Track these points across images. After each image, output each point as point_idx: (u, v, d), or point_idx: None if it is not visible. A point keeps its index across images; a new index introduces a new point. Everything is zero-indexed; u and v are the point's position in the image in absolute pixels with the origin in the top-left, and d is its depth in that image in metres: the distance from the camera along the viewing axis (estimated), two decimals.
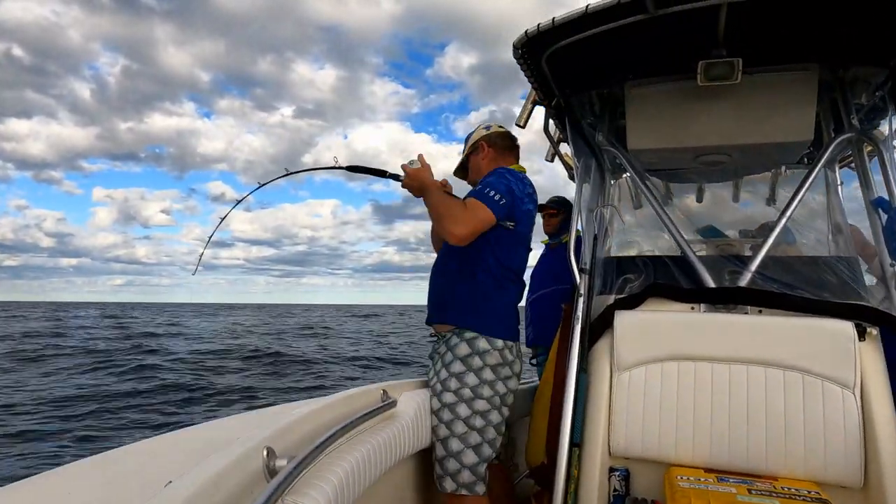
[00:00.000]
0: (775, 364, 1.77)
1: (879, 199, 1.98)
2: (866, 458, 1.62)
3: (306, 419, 1.41)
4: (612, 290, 2.18)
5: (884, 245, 1.88)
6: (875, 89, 2.23)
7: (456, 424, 1.99)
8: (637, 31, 1.92)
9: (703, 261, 2.09)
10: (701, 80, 2.00)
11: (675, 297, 2.02)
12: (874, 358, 1.73)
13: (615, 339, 1.96)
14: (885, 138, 2.08)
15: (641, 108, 2.36)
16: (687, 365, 1.86)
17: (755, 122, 2.18)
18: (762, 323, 1.85)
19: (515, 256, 2.16)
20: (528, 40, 2.06)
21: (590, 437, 1.89)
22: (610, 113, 2.62)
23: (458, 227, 1.93)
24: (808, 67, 2.09)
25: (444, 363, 2.06)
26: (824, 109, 2.34)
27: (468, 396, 2.00)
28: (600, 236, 2.37)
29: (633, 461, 1.87)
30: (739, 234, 2.81)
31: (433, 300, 2.22)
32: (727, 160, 2.42)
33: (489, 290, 2.09)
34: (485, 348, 2.03)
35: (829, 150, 2.18)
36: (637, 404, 1.87)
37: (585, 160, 2.52)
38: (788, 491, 1.55)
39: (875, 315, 1.75)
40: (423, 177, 2.03)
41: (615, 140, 2.58)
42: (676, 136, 2.32)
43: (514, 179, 2.10)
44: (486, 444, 2.01)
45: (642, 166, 2.53)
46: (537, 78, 2.32)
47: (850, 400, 1.67)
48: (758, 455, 1.72)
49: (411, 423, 1.87)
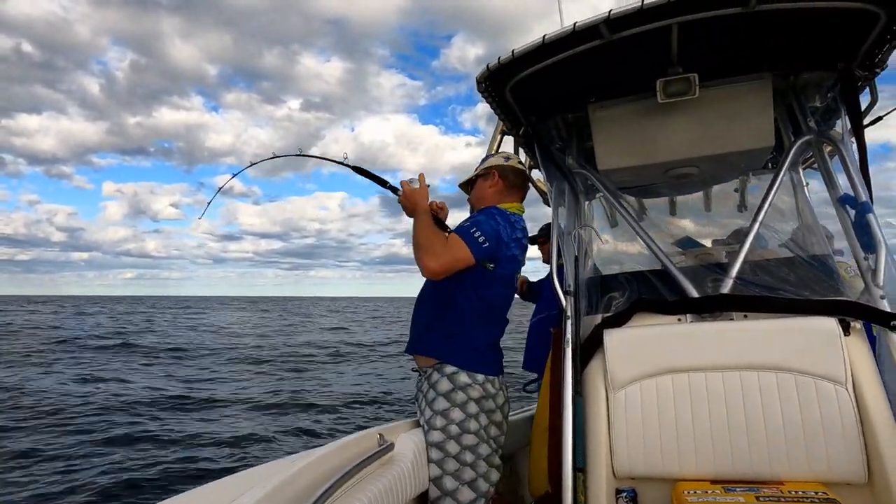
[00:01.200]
0: (766, 367, 1.78)
1: (845, 196, 2.04)
2: (867, 453, 1.63)
3: (302, 473, 1.37)
4: (599, 310, 2.19)
5: (855, 240, 1.92)
6: (826, 91, 2.32)
7: (446, 462, 1.95)
8: (595, 56, 1.98)
9: (684, 272, 2.12)
10: (661, 98, 2.07)
11: (661, 311, 2.03)
12: (861, 351, 1.75)
13: (607, 358, 1.96)
14: (841, 137, 2.15)
15: (607, 129, 2.42)
16: (681, 377, 1.86)
17: (718, 132, 2.24)
18: (749, 327, 1.87)
19: (498, 295, 2.16)
20: (491, 74, 2.11)
21: (592, 460, 1.86)
22: (577, 136, 2.68)
23: (432, 260, 1.93)
24: (762, 77, 2.17)
25: (428, 401, 2.04)
26: (782, 115, 2.42)
27: (455, 433, 1.97)
28: (581, 257, 2.39)
29: (639, 480, 1.84)
30: (713, 243, 2.85)
31: (415, 329, 2.21)
32: (695, 172, 2.47)
33: (469, 325, 2.08)
34: (466, 382, 2.01)
35: (790, 154, 2.24)
36: (636, 422, 1.85)
37: (558, 184, 2.55)
38: (796, 494, 1.54)
39: (857, 309, 1.78)
40: (418, 199, 2.06)
41: (585, 162, 2.62)
42: (644, 152, 2.37)
43: (503, 223, 2.09)
44: (480, 479, 1.97)
45: (614, 185, 2.57)
46: (503, 109, 2.37)
47: (843, 396, 1.68)
48: (761, 461, 1.71)
49: (411, 465, 1.83)
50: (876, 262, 1.82)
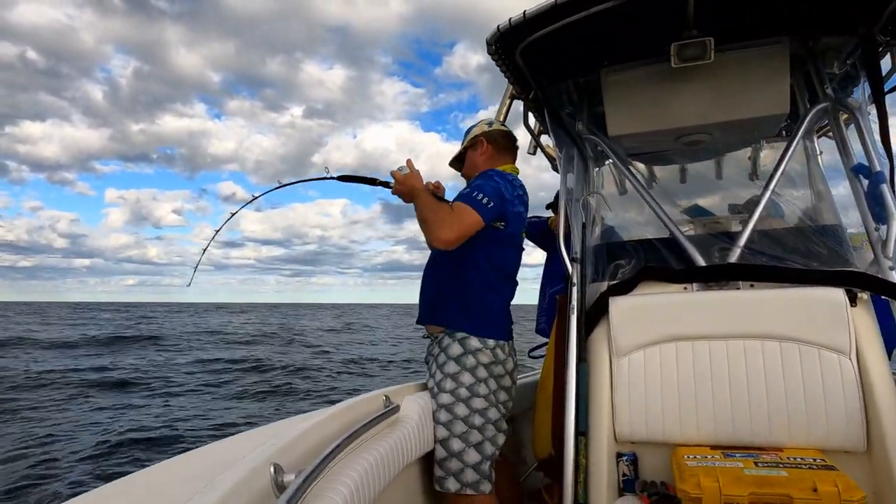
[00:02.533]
0: (771, 336, 1.79)
1: (859, 166, 2.00)
2: (868, 422, 1.64)
3: (311, 432, 1.40)
4: (605, 277, 2.19)
5: (867, 210, 1.90)
6: (846, 57, 2.25)
7: (455, 424, 1.99)
8: (608, 18, 1.93)
9: (692, 240, 2.10)
10: (675, 62, 2.02)
11: (668, 279, 2.03)
12: (867, 322, 1.75)
13: (611, 325, 1.97)
14: (859, 105, 2.10)
15: (619, 94, 2.37)
16: (684, 345, 1.87)
17: (732, 98, 2.20)
18: (755, 297, 1.86)
19: (507, 257, 2.17)
20: (501, 35, 2.06)
21: (595, 424, 1.89)
22: (588, 101, 2.63)
23: (445, 231, 1.93)
24: (779, 41, 2.11)
25: (438, 364, 2.07)
26: (798, 81, 2.37)
27: (465, 395, 2.01)
28: (588, 224, 2.38)
29: (640, 445, 1.88)
30: (728, 208, 2.83)
31: (425, 300, 2.23)
32: (707, 139, 2.43)
33: (480, 291, 2.10)
34: (476, 347, 2.04)
35: (806, 121, 2.20)
36: (639, 388, 1.88)
37: (567, 150, 2.53)
38: (794, 460, 1.57)
39: (865, 280, 1.77)
40: (413, 182, 2.03)
41: (595, 128, 2.59)
42: (655, 118, 2.34)
43: (502, 182, 2.10)
44: (487, 442, 2.01)
45: (624, 152, 2.54)
46: (513, 72, 2.33)
47: (847, 366, 1.69)
48: (761, 428, 1.73)
49: (416, 426, 1.87)
50: (887, 233, 1.80)
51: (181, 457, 1.38)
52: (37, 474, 6.19)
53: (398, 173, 2.06)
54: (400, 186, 2.04)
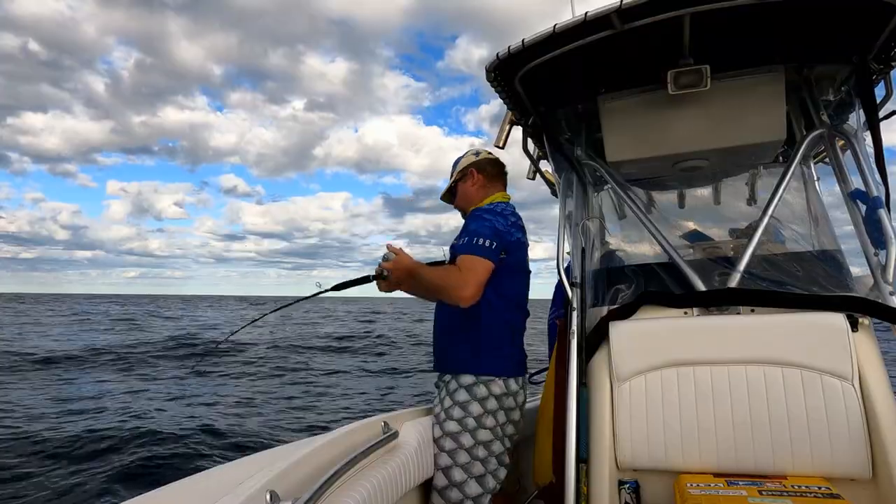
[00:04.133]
0: (773, 362, 1.77)
1: (856, 191, 2.02)
2: (872, 449, 1.62)
3: (307, 458, 1.39)
4: (605, 302, 2.18)
5: (866, 236, 1.90)
6: (840, 85, 2.29)
7: (458, 454, 1.97)
8: (606, 47, 1.96)
9: (692, 265, 2.11)
10: (672, 89, 2.05)
11: (668, 304, 2.03)
12: (869, 347, 1.74)
13: (612, 350, 1.96)
14: (855, 131, 2.12)
15: (616, 121, 2.40)
16: (686, 370, 1.86)
17: (729, 125, 2.22)
18: (756, 322, 1.86)
19: (515, 285, 2.17)
20: (500, 63, 2.09)
21: (596, 451, 1.87)
22: (586, 127, 2.66)
23: (464, 290, 1.94)
24: (774, 69, 2.14)
25: (449, 391, 2.06)
26: (794, 108, 2.40)
27: (472, 426, 1.99)
28: (588, 249, 2.38)
29: (642, 472, 1.85)
30: (729, 233, 2.83)
31: (438, 348, 2.22)
32: (705, 164, 2.45)
33: (493, 330, 2.09)
34: (489, 378, 2.03)
35: (802, 147, 2.22)
36: (640, 414, 1.86)
37: (566, 175, 2.54)
38: (799, 489, 1.54)
39: (865, 305, 1.77)
40: (406, 263, 2.01)
41: (594, 153, 2.61)
42: (653, 144, 2.36)
43: (493, 218, 2.10)
44: (489, 476, 2.00)
45: (623, 177, 2.56)
46: (512, 99, 2.36)
47: (850, 392, 1.68)
48: (765, 455, 1.71)
49: (414, 453, 1.85)
50: (886, 259, 1.80)
51: (178, 483, 1.37)
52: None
53: (388, 263, 2.02)
54: (397, 273, 2.01)
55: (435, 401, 2.14)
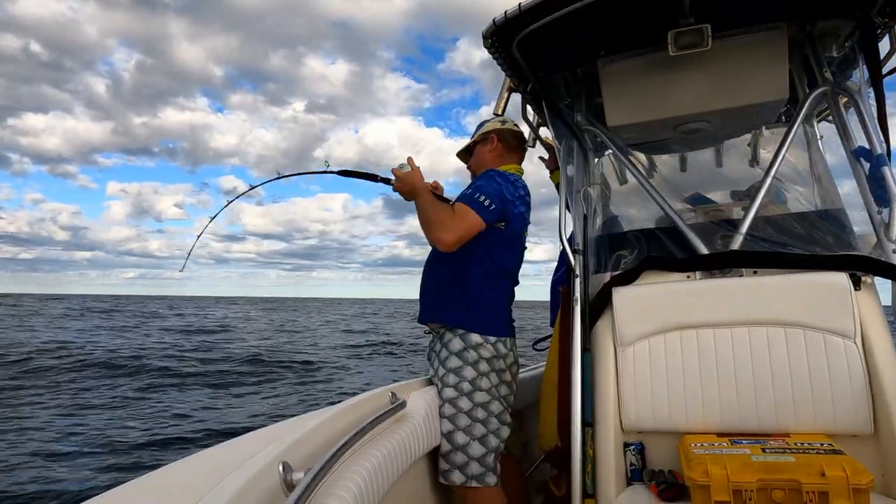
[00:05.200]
0: (775, 322, 1.78)
1: (860, 149, 2.00)
2: (874, 406, 1.64)
3: (318, 430, 1.41)
4: (608, 268, 2.19)
5: (869, 194, 1.89)
6: (844, 41, 2.24)
7: (459, 418, 2.01)
8: (604, 8, 1.92)
9: (694, 229, 2.10)
10: (672, 50, 2.01)
11: (671, 268, 2.03)
12: (872, 306, 1.74)
13: (615, 315, 1.97)
14: (858, 88, 2.09)
15: (616, 84, 2.37)
16: (689, 333, 1.87)
17: (730, 85, 2.19)
18: (758, 283, 1.86)
19: (509, 255, 2.18)
20: (497, 28, 2.05)
21: (601, 415, 1.90)
22: (586, 92, 2.62)
23: (446, 233, 1.95)
24: (777, 26, 2.10)
25: (441, 360, 2.10)
26: (797, 66, 2.35)
27: (467, 389, 2.03)
28: (590, 215, 2.37)
29: (647, 434, 1.88)
30: (731, 195, 2.82)
31: (425, 299, 2.24)
32: (707, 126, 2.42)
33: (482, 288, 2.11)
34: (478, 342, 2.06)
35: (805, 106, 2.19)
36: (644, 378, 1.88)
37: (567, 142, 2.52)
38: (801, 446, 1.57)
39: (868, 263, 1.77)
40: (414, 180, 2.04)
41: (594, 118, 2.58)
42: (654, 107, 2.33)
43: (504, 183, 2.11)
44: (491, 435, 2.04)
45: (623, 142, 2.53)
46: (510, 65, 2.32)
47: (852, 350, 1.69)
48: (768, 414, 1.73)
49: (423, 422, 1.88)
50: (889, 216, 1.79)
51: (190, 458, 1.39)
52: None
53: (399, 171, 2.06)
54: (401, 184, 2.05)
55: (430, 372, 2.18)
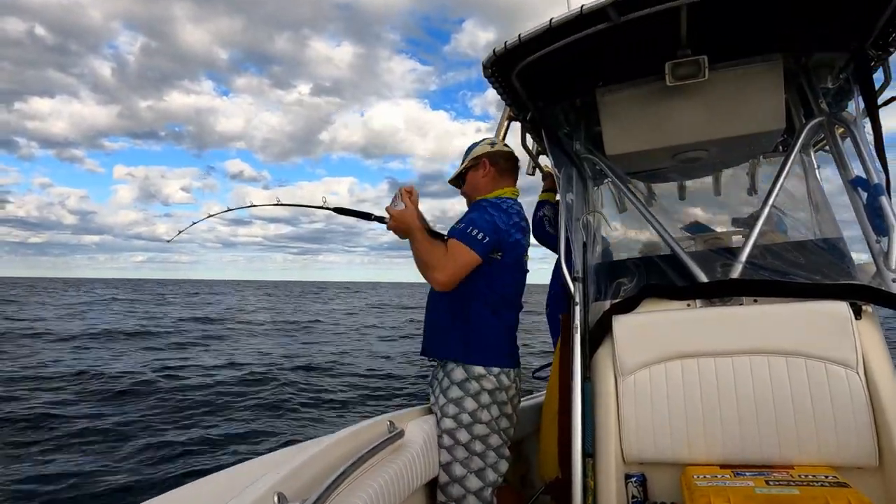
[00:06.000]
0: (776, 352, 1.77)
1: (857, 179, 2.01)
2: (878, 437, 1.62)
3: (314, 460, 1.39)
4: (608, 296, 2.18)
5: (867, 223, 1.90)
6: (839, 72, 2.28)
7: (457, 450, 1.99)
8: (603, 39, 1.95)
9: (694, 257, 2.10)
10: (670, 81, 2.04)
11: (671, 296, 2.03)
12: (873, 335, 1.73)
13: (615, 344, 1.96)
14: (854, 119, 2.12)
15: (615, 114, 2.39)
16: (690, 362, 1.85)
17: (728, 115, 2.21)
18: (759, 312, 1.86)
19: (509, 284, 2.17)
20: (497, 59, 2.09)
21: (602, 445, 1.87)
22: (585, 121, 2.66)
23: (440, 274, 1.95)
24: (772, 58, 2.13)
25: (442, 388, 2.07)
26: (793, 96, 2.39)
27: (467, 421, 2.00)
28: (589, 243, 2.38)
29: (648, 465, 1.85)
30: (732, 222, 2.83)
31: (429, 333, 2.22)
32: (705, 155, 2.45)
33: (483, 320, 2.09)
34: (481, 373, 2.04)
35: (802, 136, 2.21)
36: (645, 407, 1.86)
37: (566, 170, 2.54)
38: (805, 478, 1.54)
39: (868, 292, 1.76)
40: (407, 220, 2.02)
41: (593, 147, 2.60)
42: (652, 137, 2.35)
43: (497, 213, 2.09)
44: (489, 469, 2.01)
45: (622, 170, 2.55)
46: (510, 94, 2.35)
47: (854, 380, 1.67)
48: (771, 445, 1.71)
49: (421, 452, 1.85)
50: (889, 245, 1.80)
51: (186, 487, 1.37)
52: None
53: (394, 210, 2.04)
54: (395, 224, 2.03)
55: (430, 399, 2.15)
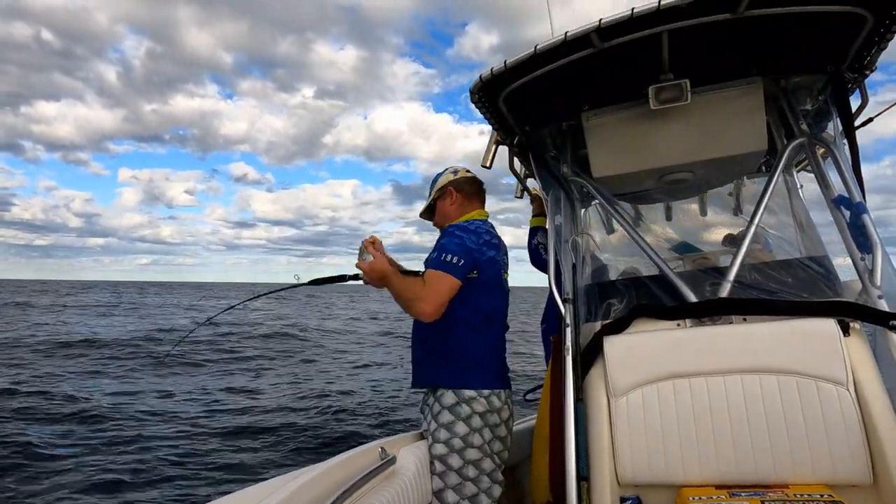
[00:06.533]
0: (767, 370, 1.77)
1: (840, 198, 2.04)
2: (871, 454, 1.62)
3: (305, 489, 1.36)
4: (598, 317, 2.18)
5: (851, 241, 1.92)
6: (818, 94, 2.33)
7: (449, 476, 1.96)
8: (587, 65, 1.99)
9: (682, 277, 2.11)
10: (653, 104, 2.08)
11: (661, 316, 2.03)
12: (861, 352, 1.74)
13: (607, 365, 1.95)
14: (833, 139, 2.16)
15: (601, 137, 2.43)
16: (682, 382, 1.85)
17: (711, 137, 2.25)
18: (748, 331, 1.86)
19: (490, 301, 2.17)
20: (483, 84, 2.12)
21: (596, 468, 1.85)
22: (572, 144, 2.69)
23: (423, 305, 1.96)
24: (752, 81, 2.18)
25: (433, 414, 2.06)
26: (774, 118, 2.44)
27: (458, 446, 1.98)
28: (578, 265, 2.39)
29: (643, 488, 1.83)
30: (724, 240, 2.85)
31: (416, 363, 2.21)
32: (690, 177, 2.48)
33: (469, 342, 2.09)
34: (471, 396, 2.03)
35: (784, 157, 2.25)
36: (638, 428, 1.85)
37: (554, 192, 2.56)
38: (801, 497, 1.53)
39: (855, 309, 1.78)
40: (380, 268, 1.97)
41: (580, 170, 2.63)
42: (638, 159, 2.38)
43: (465, 235, 2.12)
44: (482, 494, 1.98)
45: (609, 192, 2.58)
46: (497, 119, 2.38)
47: (845, 397, 1.68)
48: (765, 464, 1.70)
49: (413, 479, 1.82)
50: (873, 263, 1.82)
51: None
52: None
53: (363, 264, 2.00)
54: (369, 276, 2.00)
55: (422, 425, 2.13)
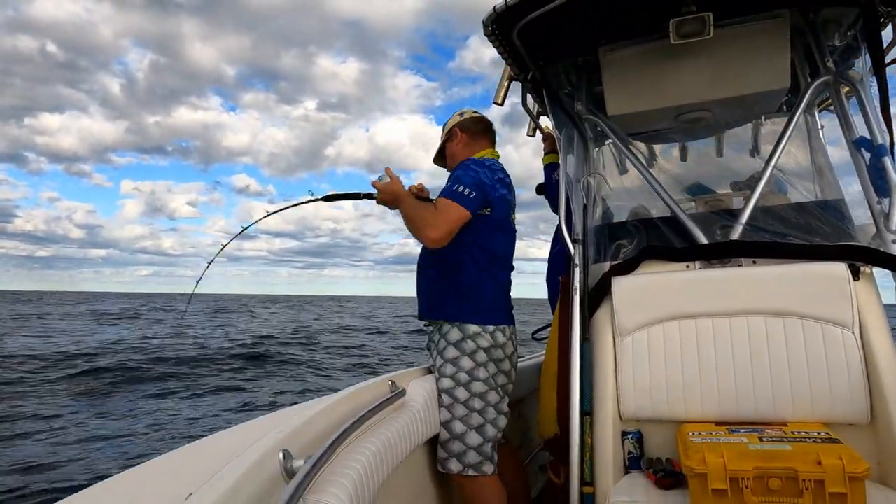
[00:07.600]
0: (774, 312, 1.79)
1: (861, 139, 1.99)
2: (871, 395, 1.65)
3: (318, 418, 1.42)
4: (607, 258, 2.19)
5: (869, 184, 1.89)
6: (847, 29, 2.22)
7: (456, 408, 2.03)
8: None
9: (694, 218, 2.10)
10: (674, 39, 2.00)
11: (670, 258, 2.03)
12: (870, 296, 1.74)
13: (614, 305, 1.97)
14: (861, 78, 2.08)
15: (617, 73, 2.35)
16: (688, 323, 1.87)
17: (732, 74, 2.17)
18: (757, 273, 1.86)
19: (499, 241, 2.19)
20: (497, 16, 2.04)
21: (599, 404, 1.91)
22: (587, 81, 2.61)
23: (431, 230, 1.96)
24: (779, 14, 2.08)
25: (439, 350, 2.11)
26: (799, 55, 2.34)
27: (465, 380, 2.04)
28: (590, 205, 2.37)
29: (645, 423, 1.89)
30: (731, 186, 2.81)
31: (422, 296, 2.25)
32: (708, 116, 2.41)
33: (476, 278, 2.12)
34: (476, 331, 2.08)
35: (807, 95, 2.18)
36: (643, 367, 1.89)
37: (567, 131, 2.51)
38: (798, 434, 1.58)
39: (867, 254, 1.77)
40: (394, 188, 2.03)
41: (594, 107, 2.57)
42: (655, 97, 2.32)
43: (480, 169, 2.11)
44: (488, 425, 2.05)
45: (624, 131, 2.53)
46: (510, 53, 2.31)
47: (850, 339, 1.69)
48: (766, 403, 1.74)
49: (422, 410, 1.89)
50: (889, 207, 1.79)
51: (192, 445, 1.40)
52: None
53: (379, 183, 2.05)
54: (383, 195, 2.04)
55: (429, 361, 2.19)
